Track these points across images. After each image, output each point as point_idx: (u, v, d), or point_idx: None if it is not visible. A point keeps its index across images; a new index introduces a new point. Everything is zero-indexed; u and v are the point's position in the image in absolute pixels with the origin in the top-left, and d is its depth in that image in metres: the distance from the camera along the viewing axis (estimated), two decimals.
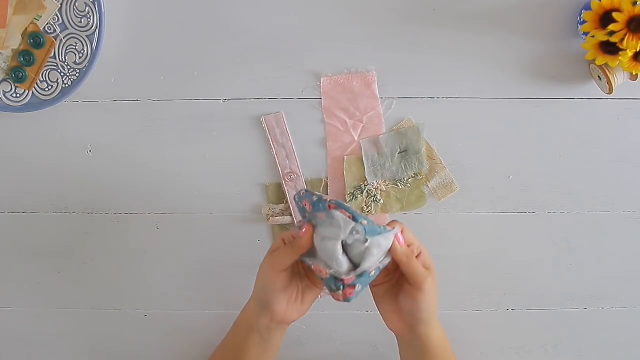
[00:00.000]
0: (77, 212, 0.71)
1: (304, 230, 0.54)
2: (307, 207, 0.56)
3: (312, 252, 0.55)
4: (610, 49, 0.59)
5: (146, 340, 0.74)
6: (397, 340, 0.61)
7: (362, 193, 0.69)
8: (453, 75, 0.66)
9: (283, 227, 0.70)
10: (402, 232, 0.56)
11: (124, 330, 0.74)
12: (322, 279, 0.55)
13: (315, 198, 0.56)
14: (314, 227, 0.55)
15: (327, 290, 0.56)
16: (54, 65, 0.64)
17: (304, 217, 0.58)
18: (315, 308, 0.60)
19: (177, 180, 0.69)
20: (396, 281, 0.59)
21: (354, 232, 0.52)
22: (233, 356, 0.61)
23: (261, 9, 0.65)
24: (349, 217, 0.52)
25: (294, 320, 0.59)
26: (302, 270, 0.60)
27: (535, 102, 0.67)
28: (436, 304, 0.57)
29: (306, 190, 0.58)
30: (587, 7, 0.60)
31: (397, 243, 0.55)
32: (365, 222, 0.52)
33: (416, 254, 0.56)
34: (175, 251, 0.72)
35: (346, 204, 0.56)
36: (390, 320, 0.59)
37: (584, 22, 0.60)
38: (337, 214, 0.52)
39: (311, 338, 0.74)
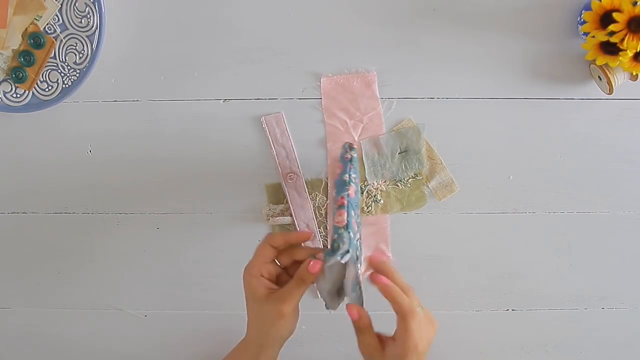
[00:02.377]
0: (77, 212, 0.71)
1: (313, 265, 0.53)
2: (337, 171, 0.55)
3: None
4: (610, 49, 0.59)
5: (146, 340, 0.74)
6: None
7: (362, 193, 0.69)
8: (453, 75, 0.66)
9: (283, 227, 0.70)
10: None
11: (124, 330, 0.74)
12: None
13: (346, 177, 0.55)
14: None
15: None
16: (54, 66, 0.64)
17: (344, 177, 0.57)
18: (316, 308, 0.60)
19: (177, 180, 0.69)
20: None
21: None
22: None
23: (261, 9, 0.65)
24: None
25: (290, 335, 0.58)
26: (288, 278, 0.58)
27: (535, 102, 0.67)
28: (425, 351, 0.54)
29: (352, 157, 0.57)
30: (587, 7, 0.60)
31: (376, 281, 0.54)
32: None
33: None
34: (175, 251, 0.72)
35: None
36: None
37: (584, 22, 0.60)
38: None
39: (311, 338, 0.74)
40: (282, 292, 0.54)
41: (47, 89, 0.65)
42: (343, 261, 0.52)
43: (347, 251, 0.52)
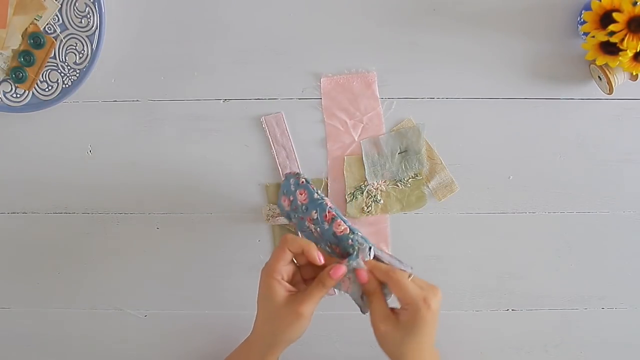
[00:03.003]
0: (77, 212, 0.71)
1: (335, 270, 0.54)
2: (300, 199, 0.57)
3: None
4: (610, 49, 0.59)
5: (146, 340, 0.74)
6: None
7: (362, 193, 0.69)
8: (453, 75, 0.66)
9: (283, 227, 0.70)
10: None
11: (124, 330, 0.74)
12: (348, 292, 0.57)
13: (316, 196, 0.56)
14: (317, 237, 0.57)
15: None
16: (54, 66, 0.64)
17: (282, 205, 0.60)
18: (316, 308, 0.60)
19: (177, 180, 0.69)
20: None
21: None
22: None
23: (261, 9, 0.65)
24: (346, 230, 0.55)
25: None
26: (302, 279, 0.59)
27: (535, 102, 0.67)
28: (431, 337, 0.55)
29: (307, 180, 0.58)
30: (587, 7, 0.60)
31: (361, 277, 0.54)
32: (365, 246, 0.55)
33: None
34: (175, 251, 0.71)
35: (343, 217, 0.57)
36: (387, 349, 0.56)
37: (584, 22, 0.60)
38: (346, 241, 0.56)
39: (311, 338, 0.74)
40: (302, 295, 0.54)
41: (47, 89, 0.65)
42: (371, 257, 0.54)
43: (370, 247, 0.54)
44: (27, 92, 0.65)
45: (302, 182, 0.58)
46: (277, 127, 0.68)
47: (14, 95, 0.65)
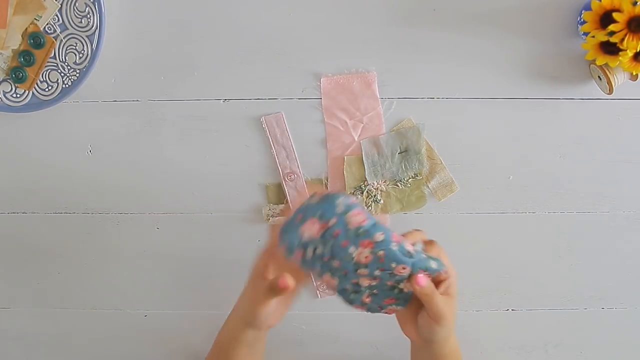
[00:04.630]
0: (77, 212, 0.71)
1: (286, 281, 0.52)
2: (356, 220, 0.51)
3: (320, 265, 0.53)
4: (610, 49, 0.59)
5: (146, 340, 0.74)
6: (410, 341, 0.61)
7: (362, 193, 0.69)
8: (453, 75, 0.66)
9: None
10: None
11: (124, 330, 0.74)
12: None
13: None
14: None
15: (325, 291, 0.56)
16: (54, 66, 0.64)
17: (297, 236, 0.53)
18: (316, 308, 0.60)
19: (177, 180, 0.69)
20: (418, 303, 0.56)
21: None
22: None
23: (261, 9, 0.65)
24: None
25: (277, 322, 0.59)
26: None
27: (535, 102, 0.67)
28: (454, 326, 0.55)
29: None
30: (587, 7, 0.60)
31: (417, 284, 0.52)
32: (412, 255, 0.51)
33: (442, 281, 0.53)
34: (175, 251, 0.72)
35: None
36: (407, 329, 0.57)
37: (584, 22, 0.60)
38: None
39: (311, 338, 0.74)
40: (269, 287, 0.54)
41: (47, 89, 0.65)
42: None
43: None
44: (27, 92, 0.65)
45: (353, 201, 0.52)
46: (277, 127, 0.68)
47: (14, 95, 0.65)
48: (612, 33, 0.57)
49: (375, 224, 0.52)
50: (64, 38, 0.63)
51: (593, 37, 0.59)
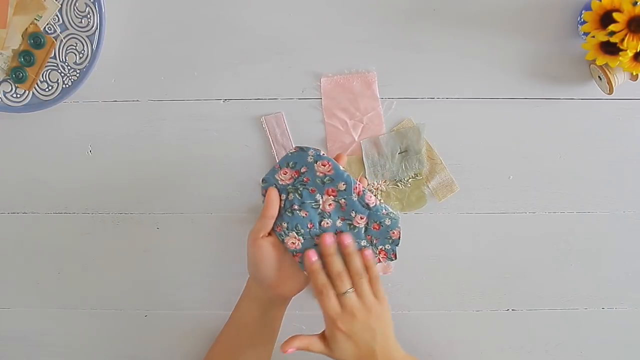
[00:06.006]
0: (77, 212, 0.71)
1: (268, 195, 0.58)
2: (322, 170, 0.58)
3: (286, 223, 0.59)
4: (610, 49, 0.59)
5: (146, 340, 0.74)
6: None
7: None
8: (453, 75, 0.66)
9: None
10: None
11: (124, 330, 0.74)
12: (297, 251, 0.59)
13: (342, 168, 0.58)
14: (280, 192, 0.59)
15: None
16: (54, 66, 0.64)
17: (274, 179, 0.60)
18: (315, 308, 0.60)
19: (177, 180, 0.69)
20: None
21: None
22: (236, 333, 0.64)
23: (261, 9, 0.65)
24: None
25: (292, 294, 0.61)
26: None
27: (535, 102, 0.67)
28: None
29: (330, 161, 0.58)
30: (587, 7, 0.60)
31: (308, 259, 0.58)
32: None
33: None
34: (175, 251, 0.71)
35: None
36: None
37: (584, 22, 0.60)
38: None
39: None
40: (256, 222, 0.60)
41: (47, 89, 0.65)
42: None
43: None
44: (27, 92, 0.65)
45: (324, 154, 0.58)
46: (278, 127, 0.68)
47: (14, 95, 0.65)
48: (612, 33, 0.57)
49: (340, 174, 0.57)
50: (64, 38, 0.63)
51: (593, 37, 0.59)
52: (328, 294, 0.55)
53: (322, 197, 0.58)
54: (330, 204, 0.58)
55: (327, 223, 0.59)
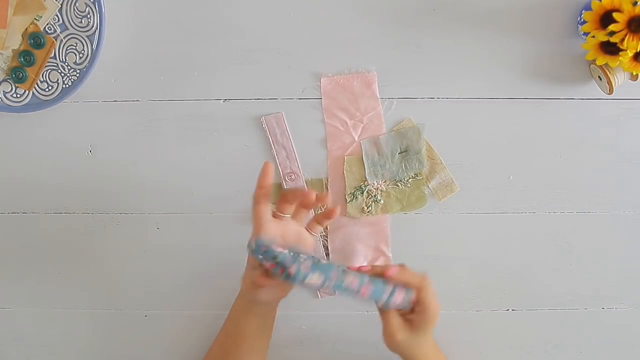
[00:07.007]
0: (77, 212, 0.71)
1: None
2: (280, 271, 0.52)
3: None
4: (610, 49, 0.59)
5: (146, 340, 0.74)
6: None
7: (363, 193, 0.69)
8: (453, 75, 0.66)
9: None
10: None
11: (124, 330, 0.74)
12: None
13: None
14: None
15: (327, 290, 0.56)
16: (54, 66, 0.64)
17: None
18: (315, 308, 0.60)
19: (177, 180, 0.69)
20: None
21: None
22: (233, 343, 0.63)
23: (261, 9, 0.65)
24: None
25: (285, 296, 0.60)
26: None
27: (535, 102, 0.67)
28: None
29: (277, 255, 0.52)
30: (587, 7, 0.60)
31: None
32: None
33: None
34: (175, 251, 0.71)
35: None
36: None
37: (584, 22, 0.60)
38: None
39: (311, 338, 0.74)
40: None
41: (47, 89, 0.65)
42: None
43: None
44: (27, 92, 0.65)
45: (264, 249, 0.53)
46: (277, 127, 0.68)
47: (14, 95, 0.65)
48: (612, 33, 0.57)
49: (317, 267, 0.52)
50: (64, 38, 0.63)
51: (593, 37, 0.59)
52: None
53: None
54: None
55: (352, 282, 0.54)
